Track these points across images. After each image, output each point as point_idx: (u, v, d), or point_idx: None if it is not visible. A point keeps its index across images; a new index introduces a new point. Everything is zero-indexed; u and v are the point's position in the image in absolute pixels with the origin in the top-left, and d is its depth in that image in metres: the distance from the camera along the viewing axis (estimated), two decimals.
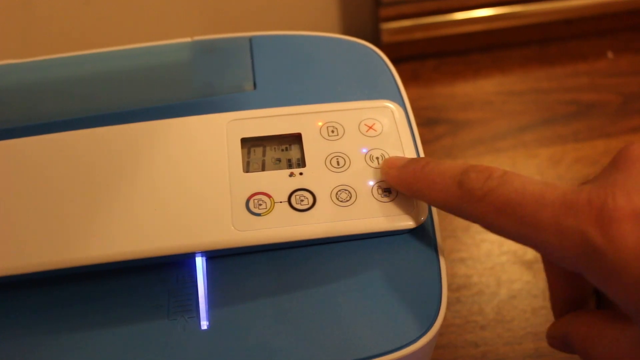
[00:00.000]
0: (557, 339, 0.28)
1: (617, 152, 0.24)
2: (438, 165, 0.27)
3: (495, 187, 0.24)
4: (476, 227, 0.48)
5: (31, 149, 0.31)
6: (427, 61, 0.63)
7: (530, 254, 0.47)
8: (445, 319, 0.28)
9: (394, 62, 0.37)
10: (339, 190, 0.30)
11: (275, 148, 0.32)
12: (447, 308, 0.28)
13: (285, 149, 0.32)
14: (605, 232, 0.21)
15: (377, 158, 0.31)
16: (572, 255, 0.22)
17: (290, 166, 0.31)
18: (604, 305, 0.29)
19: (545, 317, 0.44)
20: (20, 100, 0.37)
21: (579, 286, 0.28)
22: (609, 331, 0.25)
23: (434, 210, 0.30)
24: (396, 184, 0.29)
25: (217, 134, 0.31)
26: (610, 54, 0.62)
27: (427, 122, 0.57)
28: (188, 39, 0.39)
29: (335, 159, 0.31)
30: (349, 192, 0.30)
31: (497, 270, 0.46)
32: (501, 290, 0.45)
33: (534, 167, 0.53)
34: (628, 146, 0.24)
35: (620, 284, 0.21)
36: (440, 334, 0.31)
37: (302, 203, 0.29)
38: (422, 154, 0.32)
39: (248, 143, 0.31)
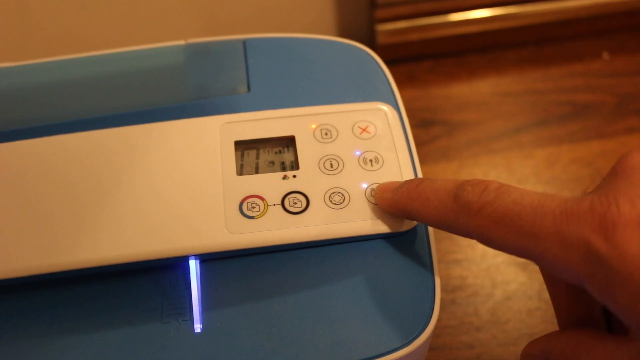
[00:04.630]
0: (536, 357, 0.27)
1: (617, 162, 0.23)
2: (432, 183, 0.26)
3: (492, 200, 0.24)
4: None
5: (26, 151, 0.31)
6: (423, 62, 0.63)
7: None
8: (440, 320, 0.28)
9: (390, 63, 0.37)
10: (332, 193, 0.30)
11: (268, 151, 0.32)
12: (442, 309, 0.28)
13: (278, 151, 0.32)
14: (609, 239, 0.21)
15: (371, 160, 0.31)
16: (573, 265, 0.22)
17: (283, 169, 0.31)
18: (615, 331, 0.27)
19: (540, 318, 0.44)
20: (16, 103, 0.37)
21: (585, 305, 0.27)
22: (601, 347, 0.23)
23: None
24: (391, 208, 0.28)
25: (210, 137, 0.31)
26: (605, 55, 0.62)
27: (423, 124, 0.57)
28: (182, 42, 0.39)
29: (328, 161, 0.31)
30: (342, 194, 0.30)
31: (492, 272, 0.46)
32: (496, 291, 0.45)
33: (529, 168, 0.53)
34: (627, 155, 0.23)
35: (623, 293, 0.20)
36: (435, 335, 0.31)
37: (296, 206, 0.29)
38: (415, 157, 0.32)
39: (241, 146, 0.31)
